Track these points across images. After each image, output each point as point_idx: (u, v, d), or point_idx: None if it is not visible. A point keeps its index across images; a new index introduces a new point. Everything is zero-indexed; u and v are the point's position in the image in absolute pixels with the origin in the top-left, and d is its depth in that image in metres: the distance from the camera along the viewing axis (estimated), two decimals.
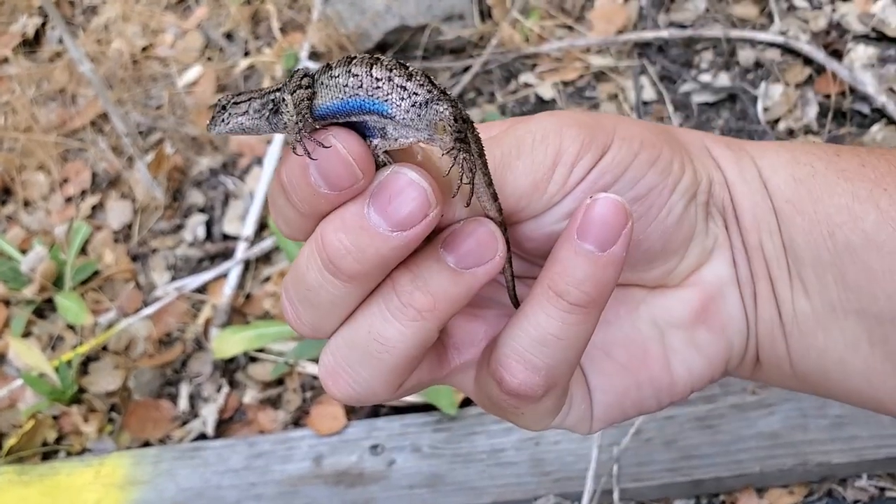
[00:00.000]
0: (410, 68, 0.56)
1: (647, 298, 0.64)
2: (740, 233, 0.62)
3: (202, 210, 2.28)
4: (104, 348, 2.11)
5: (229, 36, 2.51)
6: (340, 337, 0.58)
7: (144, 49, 2.53)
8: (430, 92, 0.55)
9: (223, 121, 0.60)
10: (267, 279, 2.12)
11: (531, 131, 0.58)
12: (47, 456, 2.01)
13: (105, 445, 1.99)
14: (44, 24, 2.71)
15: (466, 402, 1.84)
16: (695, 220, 0.61)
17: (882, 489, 1.61)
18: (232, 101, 0.60)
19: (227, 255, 2.18)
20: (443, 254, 0.55)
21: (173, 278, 2.19)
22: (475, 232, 0.56)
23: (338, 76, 0.56)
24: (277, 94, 0.58)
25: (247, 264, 2.14)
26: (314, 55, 2.37)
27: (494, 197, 0.57)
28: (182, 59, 2.46)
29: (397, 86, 0.55)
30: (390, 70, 0.56)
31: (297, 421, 1.94)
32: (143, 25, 2.52)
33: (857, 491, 1.61)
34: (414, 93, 0.55)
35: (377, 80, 0.56)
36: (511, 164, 0.57)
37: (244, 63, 2.41)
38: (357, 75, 0.56)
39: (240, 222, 2.22)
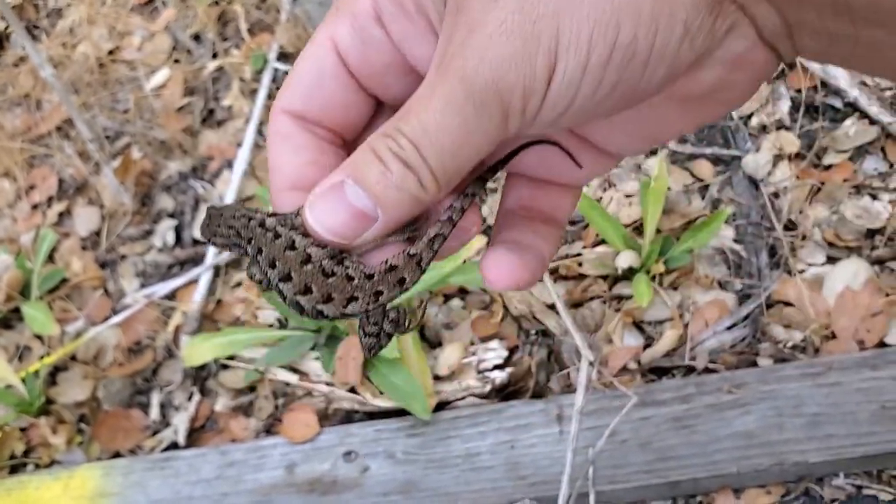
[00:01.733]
0: (329, 314, 0.61)
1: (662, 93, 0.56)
2: None
3: (172, 215, 2.24)
4: (73, 358, 2.07)
5: (197, 37, 2.47)
6: None
7: (111, 52, 2.49)
8: (355, 316, 0.62)
9: (215, 245, 0.67)
10: (238, 284, 2.09)
11: (469, 97, 0.53)
12: (15, 469, 1.97)
13: (74, 457, 1.95)
14: (7, 29, 2.66)
15: (440, 407, 1.81)
16: (690, 52, 0.52)
17: (859, 487, 1.60)
18: (213, 240, 0.67)
19: (197, 260, 2.15)
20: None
21: (143, 285, 2.15)
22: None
23: (284, 299, 0.62)
24: (248, 247, 0.64)
25: (217, 270, 2.11)
26: (283, 56, 2.34)
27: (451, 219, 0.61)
28: (149, 62, 2.42)
29: (328, 318, 0.63)
30: (315, 316, 0.62)
31: (270, 428, 1.91)
32: (109, 28, 2.48)
33: (834, 490, 1.60)
34: (345, 318, 0.62)
35: (312, 318, 0.63)
36: (466, 142, 0.54)
37: (212, 65, 2.37)
38: (296, 310, 0.62)
39: None
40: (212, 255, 2.10)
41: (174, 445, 1.93)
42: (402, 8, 0.59)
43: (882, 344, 1.71)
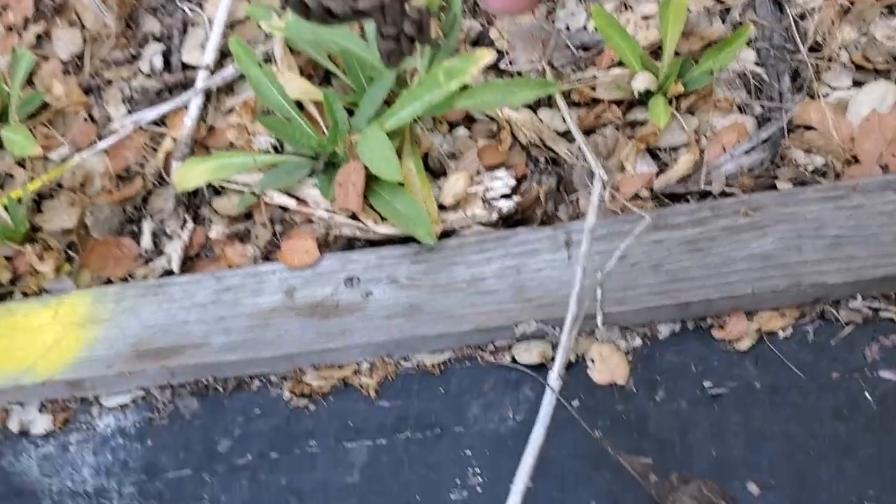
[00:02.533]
0: (337, 12, 0.54)
1: None
2: None
3: (159, 39, 2.11)
4: (59, 185, 1.98)
5: None
6: None
7: None
8: (366, 17, 0.55)
9: None
10: (230, 110, 1.98)
11: None
12: (2, 298, 1.91)
13: (63, 285, 1.89)
14: None
15: (445, 236, 1.75)
16: None
17: (876, 310, 1.56)
18: None
19: (186, 85, 2.03)
20: None
21: (130, 111, 2.04)
22: None
23: None
24: None
25: (208, 95, 2.00)
26: None
27: None
28: None
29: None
30: (322, 20, 0.55)
31: (268, 255, 1.84)
32: None
33: (850, 312, 1.56)
34: (356, 20, 0.56)
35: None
36: None
37: None
38: None
39: (200, 51, 2.06)
40: (202, 78, 1.99)
41: (168, 273, 1.87)
42: None
43: None
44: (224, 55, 2.05)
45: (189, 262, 1.88)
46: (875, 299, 1.56)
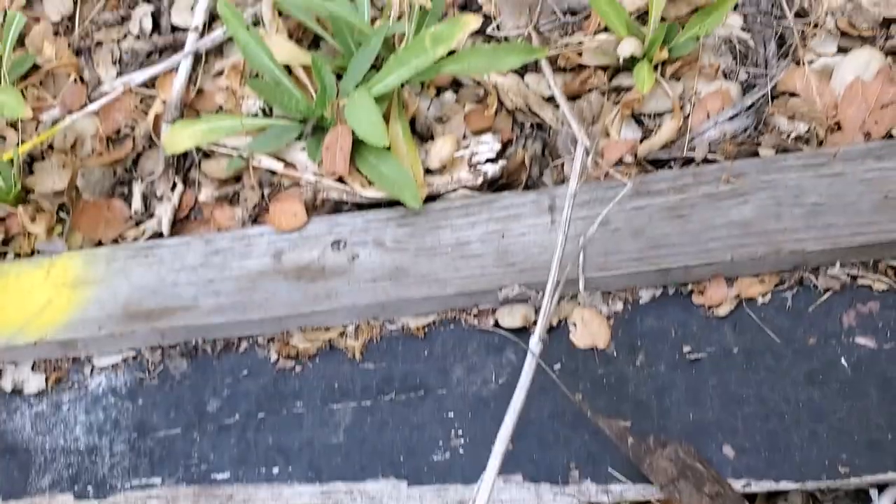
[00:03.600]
0: None
1: None
2: None
3: (148, 0, 2.11)
4: (50, 147, 2.00)
5: None
6: None
7: None
8: None
9: None
10: (220, 73, 1.99)
11: None
12: None
13: (55, 246, 1.91)
14: None
15: (431, 199, 1.77)
16: None
17: (854, 277, 1.58)
18: None
19: (176, 48, 2.04)
20: None
21: (119, 73, 2.05)
22: None
23: None
24: None
25: (197, 58, 2.00)
26: None
27: None
28: None
29: None
30: None
31: (256, 218, 1.86)
32: None
33: (828, 279, 1.58)
34: None
35: None
36: None
37: None
38: None
39: (189, 13, 2.06)
40: (192, 40, 1.99)
41: (158, 235, 1.89)
42: None
43: (889, 136, 1.65)
44: (213, 17, 2.05)
45: (179, 224, 1.90)
46: (854, 266, 1.58)
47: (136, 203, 1.92)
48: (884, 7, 1.73)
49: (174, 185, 1.91)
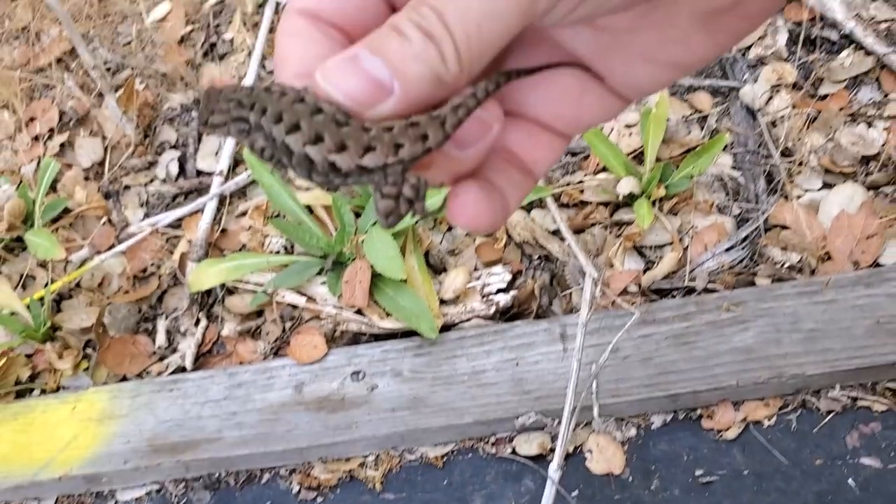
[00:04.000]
0: (343, 167, 0.55)
1: None
2: None
3: (175, 146, 2.25)
4: (77, 285, 2.08)
5: None
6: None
7: None
8: (370, 175, 0.56)
9: (213, 132, 0.61)
10: (243, 213, 2.10)
11: None
12: (21, 394, 1.99)
13: (81, 382, 1.97)
14: None
15: (446, 329, 1.85)
16: None
17: (854, 399, 1.65)
18: (210, 121, 0.60)
19: (201, 190, 2.16)
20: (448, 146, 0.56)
21: (147, 215, 2.16)
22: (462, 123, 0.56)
23: (286, 166, 0.57)
24: (246, 127, 0.59)
25: (222, 199, 2.12)
26: None
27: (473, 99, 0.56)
28: None
29: (339, 183, 0.56)
30: (326, 175, 0.56)
31: (278, 351, 1.94)
32: None
33: (830, 401, 1.65)
34: (357, 182, 0.56)
35: (319, 183, 0.56)
36: (493, 9, 0.52)
37: None
38: (302, 176, 0.57)
39: (214, 158, 2.19)
40: (217, 184, 2.12)
41: (181, 370, 1.96)
42: None
43: (876, 264, 1.76)
44: (237, 162, 2.18)
45: (202, 359, 1.97)
46: (853, 389, 1.66)
47: (161, 338, 2.00)
48: (862, 146, 1.87)
49: (198, 321, 1.99)
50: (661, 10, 0.58)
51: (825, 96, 1.97)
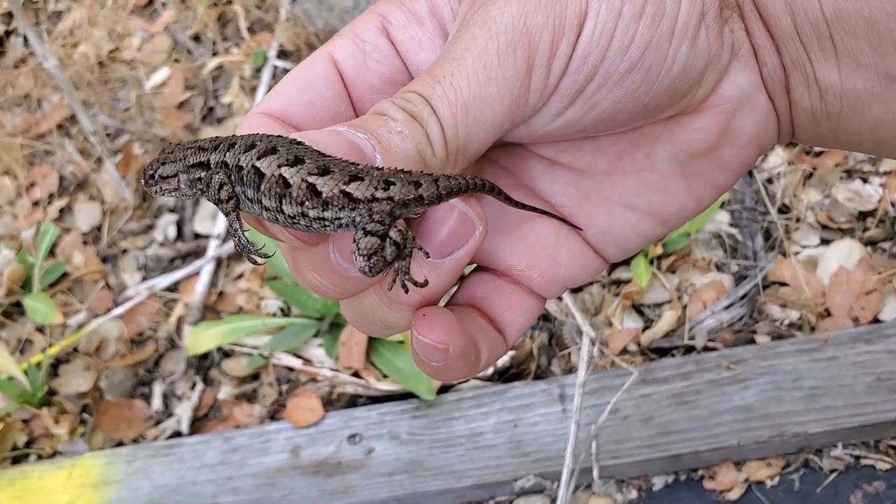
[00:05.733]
0: (324, 192, 0.50)
1: (662, 134, 0.58)
2: (765, 26, 0.54)
3: (172, 210, 2.26)
4: (75, 350, 2.08)
5: (197, 38, 2.51)
6: (353, 309, 0.58)
7: (111, 52, 2.52)
8: (352, 210, 0.51)
9: (159, 189, 0.59)
10: (240, 276, 2.10)
11: (492, 38, 0.51)
12: (17, 460, 1.97)
13: (77, 447, 1.96)
14: (7, 33, 2.69)
15: (444, 389, 1.83)
16: (706, 48, 0.53)
17: (857, 457, 1.63)
18: (159, 172, 0.58)
19: (198, 253, 2.17)
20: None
21: (144, 278, 2.17)
22: (446, 220, 0.54)
23: (251, 199, 0.53)
24: (202, 173, 0.56)
25: (219, 262, 2.13)
26: (283, 54, 2.38)
27: (458, 188, 0.53)
28: (149, 62, 2.45)
29: (315, 219, 0.52)
30: (301, 203, 0.51)
31: (274, 414, 1.92)
32: (109, 30, 2.51)
33: (833, 460, 1.63)
34: (336, 218, 0.52)
35: (291, 217, 0.52)
36: (483, 93, 0.51)
37: (212, 63, 2.40)
38: (269, 209, 0.52)
39: (211, 221, 2.20)
40: (214, 246, 2.12)
41: (178, 434, 1.94)
42: (413, 15, 0.57)
43: (876, 320, 1.75)
44: None
45: (198, 423, 1.95)
46: (855, 447, 1.63)
47: (157, 403, 1.99)
48: (858, 202, 1.87)
49: (194, 385, 1.98)
50: (641, 152, 0.58)
51: (821, 153, 1.98)
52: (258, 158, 0.51)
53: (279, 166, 0.50)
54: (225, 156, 0.54)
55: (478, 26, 0.51)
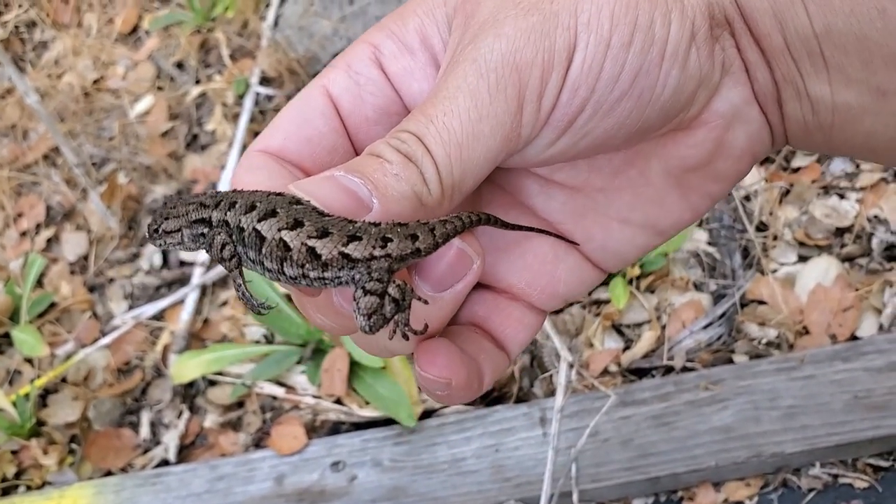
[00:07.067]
0: (323, 255, 0.52)
1: (656, 151, 0.59)
2: (756, 42, 0.54)
3: None
4: (63, 380, 2.10)
5: (180, 65, 2.53)
6: (360, 337, 0.59)
7: (95, 82, 2.54)
8: (352, 269, 0.53)
9: (164, 243, 0.61)
10: (224, 303, 2.12)
11: (483, 76, 0.51)
12: (6, 492, 1.99)
13: (66, 477, 1.97)
14: None
15: (426, 415, 1.84)
16: (697, 69, 0.54)
17: (835, 476, 1.63)
18: (163, 227, 0.60)
19: (183, 281, 2.18)
20: (418, 284, 0.55)
21: (131, 307, 2.18)
22: (444, 256, 0.55)
23: (253, 260, 0.55)
24: (205, 229, 0.57)
25: (203, 289, 2.14)
26: (265, 80, 2.39)
27: (453, 230, 0.55)
28: (134, 90, 2.47)
29: (315, 278, 0.53)
30: (302, 266, 0.53)
31: (259, 442, 1.93)
32: (93, 59, 2.54)
33: (811, 479, 1.63)
34: (336, 277, 0.53)
35: (292, 278, 0.54)
36: (476, 131, 0.51)
37: (195, 91, 2.42)
38: (271, 270, 0.54)
39: None
40: (198, 274, 2.14)
41: (165, 463, 1.96)
42: (404, 45, 0.58)
43: (853, 337, 1.75)
44: None
45: (184, 451, 1.97)
46: (833, 466, 1.64)
47: (145, 431, 2.00)
48: (835, 218, 1.88)
49: (181, 413, 1.99)
50: (636, 169, 0.59)
51: (797, 169, 1.99)
52: (259, 221, 0.53)
53: (279, 230, 0.52)
54: (226, 215, 0.55)
55: (468, 63, 0.52)
